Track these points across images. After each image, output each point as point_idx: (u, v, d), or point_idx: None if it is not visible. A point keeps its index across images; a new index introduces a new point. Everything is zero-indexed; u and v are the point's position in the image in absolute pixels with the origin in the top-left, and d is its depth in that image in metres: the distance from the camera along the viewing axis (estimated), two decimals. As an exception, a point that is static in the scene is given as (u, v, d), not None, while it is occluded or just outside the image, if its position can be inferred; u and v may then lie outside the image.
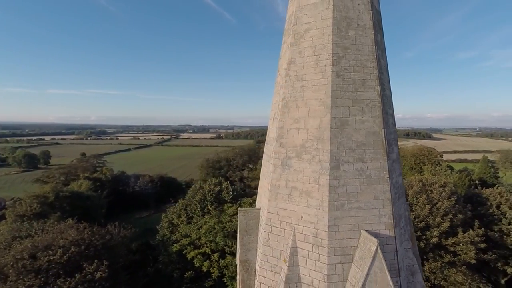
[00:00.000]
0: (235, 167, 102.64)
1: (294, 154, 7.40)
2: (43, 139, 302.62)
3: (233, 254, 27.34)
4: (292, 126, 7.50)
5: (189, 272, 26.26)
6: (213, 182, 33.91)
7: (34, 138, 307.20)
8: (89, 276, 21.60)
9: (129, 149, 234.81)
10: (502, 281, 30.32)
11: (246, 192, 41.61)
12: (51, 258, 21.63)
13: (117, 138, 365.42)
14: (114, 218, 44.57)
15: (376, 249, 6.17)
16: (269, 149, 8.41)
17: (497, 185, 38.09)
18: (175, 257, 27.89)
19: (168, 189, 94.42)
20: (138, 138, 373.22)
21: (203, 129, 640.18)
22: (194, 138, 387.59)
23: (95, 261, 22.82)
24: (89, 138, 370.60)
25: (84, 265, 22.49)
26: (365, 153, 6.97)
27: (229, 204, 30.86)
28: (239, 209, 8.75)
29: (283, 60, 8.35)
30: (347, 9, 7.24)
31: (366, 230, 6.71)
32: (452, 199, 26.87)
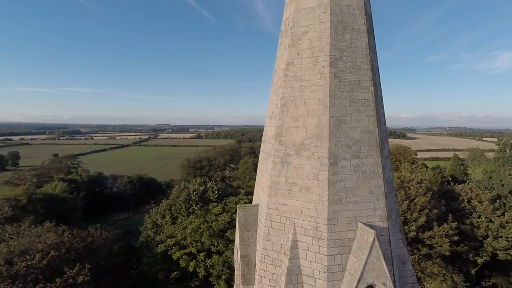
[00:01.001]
0: (216, 167, 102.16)
1: (293, 151, 7.70)
2: (11, 139, 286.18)
3: (219, 253, 27.40)
4: (291, 125, 7.80)
5: (175, 272, 26.06)
6: (198, 181, 33.74)
7: (0, 138, 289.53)
8: (71, 280, 20.94)
9: (105, 149, 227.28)
10: (473, 271, 32.37)
11: (230, 192, 41.63)
12: (29, 263, 20.76)
13: (92, 138, 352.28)
14: (92, 220, 43.11)
15: (373, 240, 6.59)
16: (268, 147, 8.67)
17: (467, 182, 40.55)
18: (160, 258, 27.56)
19: (148, 190, 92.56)
20: (115, 138, 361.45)
21: (183, 129, 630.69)
22: (173, 138, 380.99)
23: (77, 264, 22.16)
24: (61, 138, 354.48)
25: (65, 269, 21.78)
26: (361, 150, 7.39)
27: (214, 204, 30.87)
28: (237, 206, 8.95)
29: (280, 61, 8.63)
30: (343, 14, 7.64)
31: (362, 223, 7.13)
32: (428, 195, 28.38)
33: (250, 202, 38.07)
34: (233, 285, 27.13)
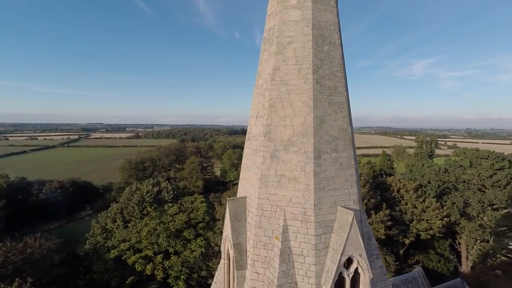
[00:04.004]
0: (161, 167, 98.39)
1: (282, 147, 8.70)
2: None
3: (177, 253, 27.14)
4: (279, 124, 8.79)
5: (131, 277, 25.03)
6: (151, 182, 32.61)
7: None
8: (11, 296, 18.94)
9: (25, 151, 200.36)
10: (401, 252, 37.63)
11: (184, 192, 40.99)
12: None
13: (7, 139, 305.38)
14: (15, 232, 37.47)
15: (352, 219, 7.96)
16: (254, 144, 9.52)
17: (396, 174, 46.74)
18: (112, 265, 26.16)
19: (82, 195, 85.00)
20: (36, 139, 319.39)
21: (118, 128, 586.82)
22: (108, 138, 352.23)
23: (16, 279, 20.02)
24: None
25: (2, 286, 19.51)
26: (338, 145, 8.75)
27: (170, 204, 30.30)
28: (228, 198, 9.59)
29: (265, 65, 9.56)
30: (322, 28, 8.90)
31: (341, 206, 8.48)
32: (366, 186, 32.22)
33: (208, 201, 37.82)
34: (193, 285, 27.18)
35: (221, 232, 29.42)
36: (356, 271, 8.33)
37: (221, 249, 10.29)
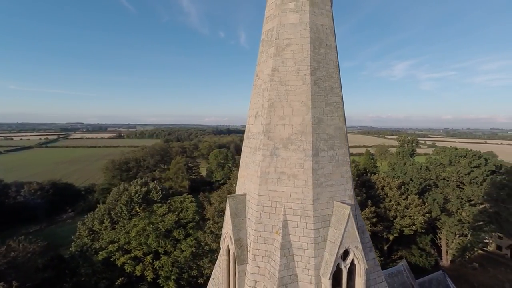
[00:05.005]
0: (145, 167, 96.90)
1: (281, 145, 9.03)
2: None
3: (168, 253, 27.02)
4: (279, 123, 9.12)
5: (120, 279, 24.73)
6: (139, 182, 32.22)
7: None
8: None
9: (0, 152, 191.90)
10: (385, 247, 38.89)
11: (172, 192, 40.67)
12: None
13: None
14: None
15: (349, 213, 8.40)
16: (253, 142, 9.81)
17: (380, 173, 48.19)
18: (100, 266, 25.73)
19: (63, 197, 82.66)
20: (12, 139, 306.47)
21: (100, 128, 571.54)
22: (89, 138, 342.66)
23: (1, 283, 19.46)
24: None
25: (-14, 291, 18.94)
26: (334, 143, 9.18)
27: (159, 204, 30.07)
28: (228, 195, 9.82)
29: (263, 66, 9.87)
30: (319, 31, 9.30)
31: (338, 201, 8.90)
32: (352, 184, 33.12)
33: (198, 201, 37.73)
34: (183, 285, 27.13)
35: (211, 232, 29.54)
36: (352, 262, 8.78)
37: (220, 246, 10.51)
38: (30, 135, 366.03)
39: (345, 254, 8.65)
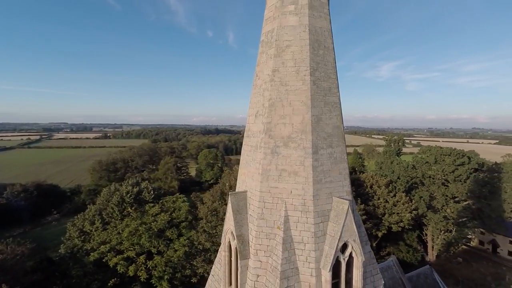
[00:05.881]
0: (134, 168, 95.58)
1: (282, 143, 9.34)
2: None
3: (161, 253, 26.94)
4: (279, 122, 9.42)
5: (112, 280, 24.51)
6: (130, 182, 31.92)
7: None
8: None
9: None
10: (374, 244, 39.83)
11: (164, 192, 40.41)
12: None
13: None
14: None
15: (348, 208, 8.78)
16: (254, 141, 10.08)
17: (368, 171, 49.27)
18: (92, 268, 25.42)
19: (48, 199, 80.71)
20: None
21: (84, 128, 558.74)
22: (74, 138, 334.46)
23: (-10, 286, 19.02)
24: None
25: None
26: (333, 141, 9.55)
27: (151, 204, 29.90)
28: (230, 192, 10.03)
29: (263, 67, 10.15)
30: (318, 34, 9.66)
31: (336, 197, 9.28)
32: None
33: (190, 201, 37.63)
34: (176, 285, 27.11)
35: (204, 231, 29.58)
36: (350, 255, 9.17)
37: (221, 242, 10.72)
38: (12, 135, 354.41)
39: (344, 247, 9.02)
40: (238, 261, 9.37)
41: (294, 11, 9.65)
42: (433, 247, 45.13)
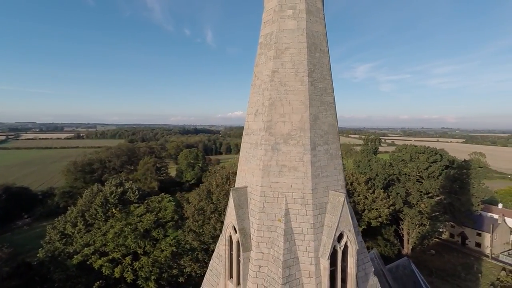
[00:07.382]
0: (111, 169, 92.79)
1: (282, 140, 9.85)
2: None
3: (147, 254, 26.68)
4: (279, 120, 9.93)
5: (97, 282, 24.00)
6: (114, 182, 31.24)
7: None
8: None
9: None
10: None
11: (148, 192, 39.79)
12: None
13: None
14: None
15: (344, 200, 9.45)
16: (254, 138, 10.53)
17: (349, 169, 51.01)
18: (75, 271, 24.75)
19: (17, 203, 76.70)
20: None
21: (55, 128, 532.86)
22: (43, 139, 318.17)
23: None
24: None
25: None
26: (329, 138, 10.19)
27: (136, 205, 29.48)
28: (231, 188, 10.39)
29: (262, 67, 10.62)
30: (314, 37, 10.26)
31: (332, 190, 9.92)
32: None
33: (176, 200, 37.35)
34: (163, 285, 26.95)
35: (191, 230, 29.58)
36: (345, 244, 9.83)
37: (221, 236, 11.07)
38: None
39: (340, 237, 9.68)
40: (241, 253, 9.77)
41: (293, 16, 10.18)
42: (408, 241, 47.59)
